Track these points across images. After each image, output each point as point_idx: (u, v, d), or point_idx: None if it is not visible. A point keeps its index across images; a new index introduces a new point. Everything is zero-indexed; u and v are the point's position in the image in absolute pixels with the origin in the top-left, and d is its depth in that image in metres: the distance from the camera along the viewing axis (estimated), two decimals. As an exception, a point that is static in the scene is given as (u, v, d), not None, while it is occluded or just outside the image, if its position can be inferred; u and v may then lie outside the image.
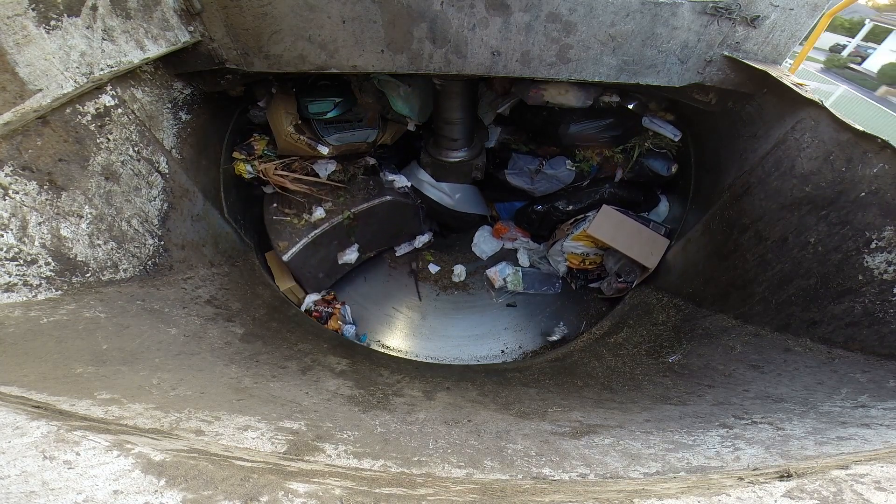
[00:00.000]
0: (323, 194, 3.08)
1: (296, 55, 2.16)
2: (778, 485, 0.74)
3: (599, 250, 3.24)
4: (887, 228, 1.53)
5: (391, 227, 3.52)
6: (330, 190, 3.12)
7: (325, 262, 3.19)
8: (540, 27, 2.04)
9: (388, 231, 3.55)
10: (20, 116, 1.40)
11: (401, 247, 3.76)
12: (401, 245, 3.76)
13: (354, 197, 3.16)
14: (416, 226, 3.70)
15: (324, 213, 3.03)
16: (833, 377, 1.50)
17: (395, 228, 3.60)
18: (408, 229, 3.69)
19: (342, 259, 3.30)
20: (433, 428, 1.53)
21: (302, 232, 2.95)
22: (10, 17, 1.35)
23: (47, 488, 0.63)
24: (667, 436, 1.37)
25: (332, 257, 3.24)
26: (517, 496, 0.88)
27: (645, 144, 3.00)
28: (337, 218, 3.03)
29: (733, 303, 2.09)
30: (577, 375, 2.40)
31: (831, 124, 1.78)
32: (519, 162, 3.37)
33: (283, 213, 3.00)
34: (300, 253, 2.91)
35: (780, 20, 1.94)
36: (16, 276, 1.38)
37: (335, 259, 3.27)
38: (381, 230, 3.44)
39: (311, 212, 3.02)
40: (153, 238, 1.99)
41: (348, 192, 3.16)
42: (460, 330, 3.41)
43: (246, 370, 1.76)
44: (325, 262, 3.20)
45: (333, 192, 3.13)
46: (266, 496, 0.70)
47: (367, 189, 3.24)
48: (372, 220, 3.25)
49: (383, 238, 3.60)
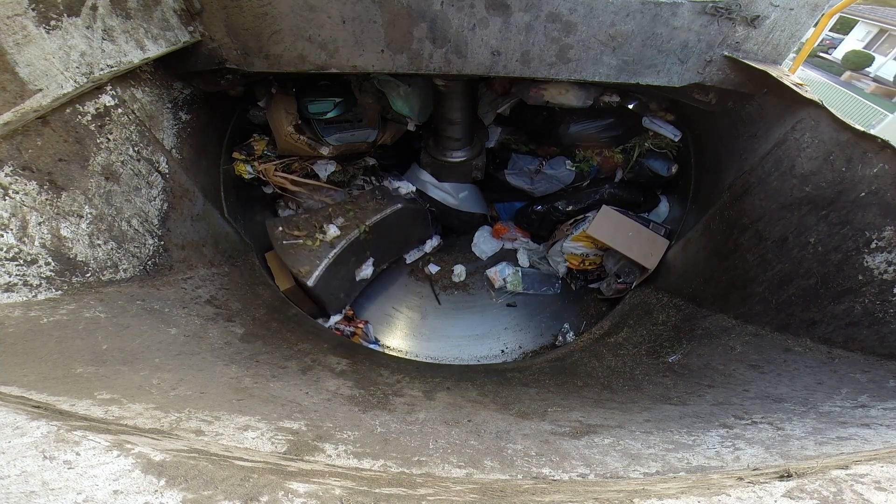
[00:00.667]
0: (331, 207, 3.01)
1: (296, 55, 2.16)
2: (778, 485, 0.74)
3: (599, 251, 3.24)
4: (887, 228, 1.53)
5: (402, 235, 3.47)
6: (338, 206, 3.06)
7: (344, 281, 3.09)
8: (540, 27, 2.04)
9: (399, 240, 3.49)
10: (20, 116, 1.40)
11: (410, 254, 3.70)
12: (410, 253, 3.69)
13: (364, 209, 3.08)
14: (425, 231, 3.65)
15: (338, 230, 2.93)
16: (833, 377, 1.50)
17: (406, 236, 3.54)
18: (417, 235, 3.63)
19: (359, 275, 3.21)
20: (433, 428, 1.53)
21: (320, 253, 2.84)
22: (10, 17, 1.35)
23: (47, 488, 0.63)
24: (667, 436, 1.37)
25: (350, 275, 3.14)
26: (517, 496, 0.88)
27: (645, 144, 3.00)
28: (353, 233, 2.94)
29: (733, 303, 2.09)
30: (577, 375, 2.40)
31: (831, 124, 1.78)
32: (519, 162, 3.37)
33: (293, 236, 2.89)
34: (324, 275, 2.79)
35: (780, 20, 1.94)
36: (16, 276, 1.38)
37: (353, 276, 3.18)
38: (393, 240, 3.38)
39: (324, 231, 2.91)
40: (153, 238, 1.99)
41: (357, 206, 3.08)
42: (460, 330, 3.41)
43: (246, 370, 1.75)
44: (345, 281, 3.10)
45: (341, 207, 3.07)
46: (266, 496, 0.70)
47: (376, 199, 3.18)
48: (385, 231, 3.17)
49: (395, 248, 3.53)
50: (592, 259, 3.29)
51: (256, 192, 3.27)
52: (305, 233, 2.91)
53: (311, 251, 2.85)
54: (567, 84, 2.71)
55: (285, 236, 2.88)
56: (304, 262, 2.80)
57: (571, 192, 3.32)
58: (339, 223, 2.97)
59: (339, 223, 2.97)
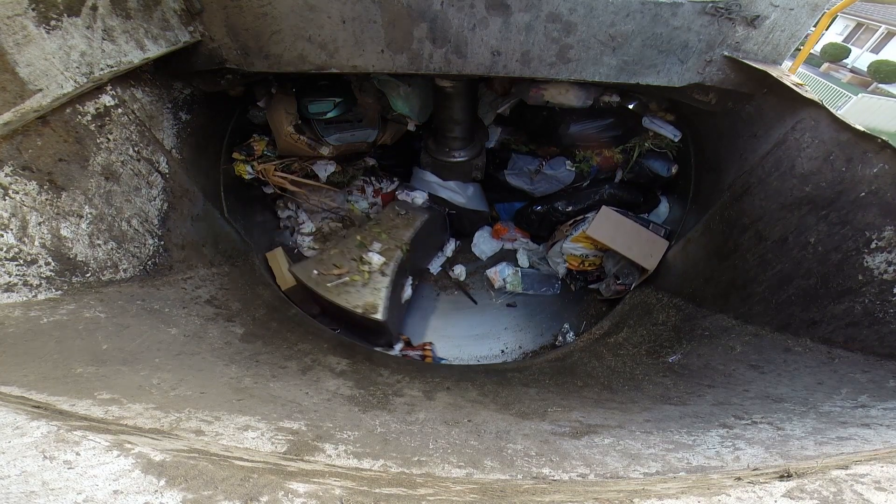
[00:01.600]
0: (351, 233, 2.93)
1: (296, 55, 2.16)
2: (778, 485, 0.74)
3: (599, 252, 3.23)
4: (887, 228, 1.53)
5: (429, 245, 3.37)
6: (358, 231, 2.95)
7: (395, 305, 2.88)
8: (540, 27, 2.04)
9: (427, 251, 3.38)
10: (20, 116, 1.40)
11: (433, 264, 3.60)
12: (432, 262, 3.59)
13: (395, 227, 2.99)
14: (444, 235, 3.58)
15: (380, 256, 2.76)
16: (833, 377, 1.50)
17: (431, 245, 3.44)
18: (438, 242, 3.54)
19: (403, 297, 3.08)
20: (433, 428, 1.53)
21: (376, 283, 2.65)
22: (10, 17, 1.35)
23: (47, 488, 0.63)
24: (667, 436, 1.37)
25: (398, 298, 2.98)
26: (517, 496, 0.88)
27: (645, 145, 3.00)
28: (397, 255, 2.80)
29: (733, 303, 2.09)
30: (577, 375, 2.40)
31: (831, 124, 1.78)
32: (519, 162, 3.37)
33: (336, 276, 2.67)
34: (388, 306, 2.59)
35: (780, 20, 1.94)
36: (16, 276, 1.38)
37: (399, 299, 3.03)
38: (422, 253, 3.27)
39: (366, 261, 2.73)
40: (153, 238, 1.99)
41: (383, 227, 2.97)
42: (460, 330, 3.40)
43: (246, 370, 1.75)
44: (396, 305, 2.90)
45: (368, 232, 2.95)
46: (266, 496, 0.70)
47: (400, 215, 3.10)
48: (417, 245, 3.04)
49: (423, 260, 3.41)
50: (592, 260, 3.28)
51: (256, 192, 3.27)
52: (346, 269, 2.71)
53: (365, 285, 2.65)
54: (567, 84, 2.71)
55: (327, 278, 2.66)
56: (366, 297, 2.59)
57: (571, 193, 3.32)
58: (377, 249, 2.80)
59: (378, 248, 2.81)
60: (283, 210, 3.49)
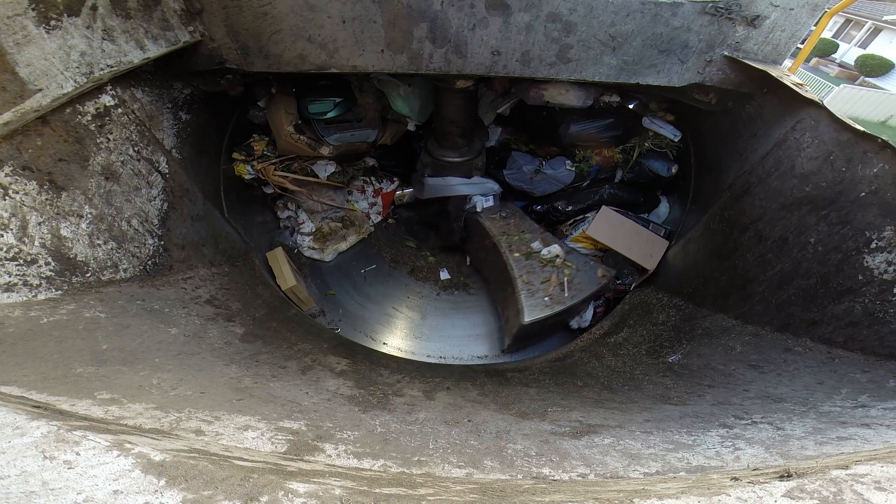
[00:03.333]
0: (495, 240, 3.15)
1: (296, 55, 2.16)
2: (778, 485, 0.74)
3: (599, 252, 3.23)
4: (887, 228, 1.53)
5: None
6: (500, 240, 3.16)
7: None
8: (540, 27, 2.04)
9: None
10: (20, 116, 1.40)
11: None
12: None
13: (518, 229, 3.22)
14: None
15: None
16: (833, 377, 1.50)
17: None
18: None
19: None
20: (433, 428, 1.53)
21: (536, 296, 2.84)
22: (10, 16, 1.35)
23: (47, 488, 0.63)
24: (667, 436, 1.37)
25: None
26: (517, 496, 0.88)
27: (645, 145, 3.00)
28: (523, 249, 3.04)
29: (733, 303, 2.09)
30: (577, 375, 2.40)
31: (831, 124, 1.77)
32: (518, 162, 3.37)
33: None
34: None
35: (780, 20, 1.94)
36: (16, 276, 1.38)
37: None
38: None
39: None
40: (153, 238, 1.99)
41: (512, 232, 3.20)
42: (460, 330, 3.40)
43: (246, 370, 1.75)
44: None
45: (508, 241, 3.16)
46: (266, 496, 0.70)
47: (509, 219, 3.31)
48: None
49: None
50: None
51: (256, 192, 3.27)
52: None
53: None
54: (567, 84, 2.71)
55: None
56: (525, 304, 2.83)
57: (571, 193, 3.32)
58: (521, 251, 3.08)
59: (522, 251, 3.08)
60: (283, 210, 3.49)
